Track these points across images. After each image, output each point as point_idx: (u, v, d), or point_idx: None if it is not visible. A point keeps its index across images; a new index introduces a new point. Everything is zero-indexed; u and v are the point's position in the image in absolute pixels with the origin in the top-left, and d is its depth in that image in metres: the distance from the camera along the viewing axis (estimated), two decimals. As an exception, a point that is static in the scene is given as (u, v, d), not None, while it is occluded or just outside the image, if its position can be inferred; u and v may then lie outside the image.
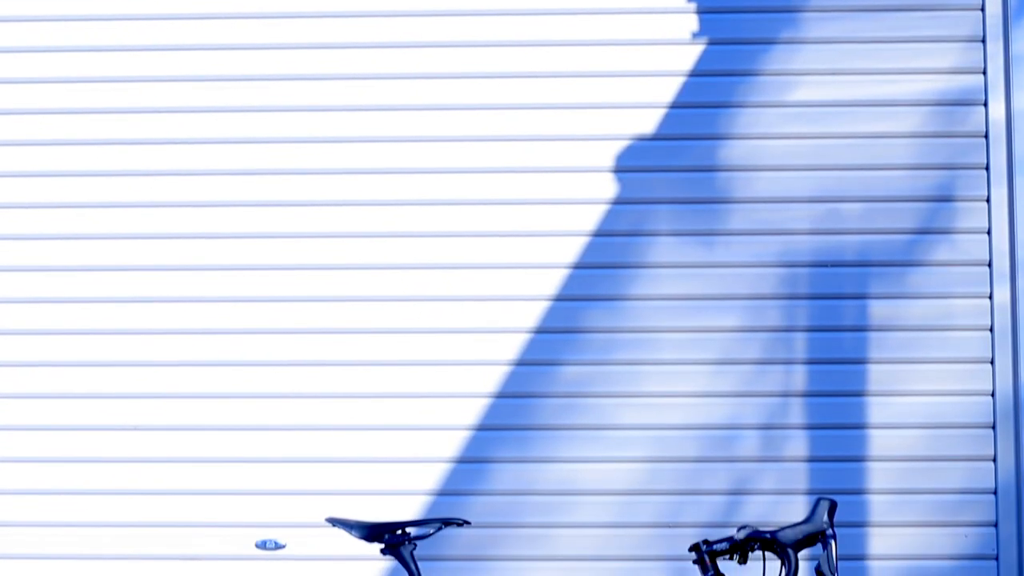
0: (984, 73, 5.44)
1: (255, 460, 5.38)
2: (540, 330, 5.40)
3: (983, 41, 5.45)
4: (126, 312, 5.47)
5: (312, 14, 5.53)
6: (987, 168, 5.41)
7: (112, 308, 5.48)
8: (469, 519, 4.66)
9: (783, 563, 4.26)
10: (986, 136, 5.42)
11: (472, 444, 5.35)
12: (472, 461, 5.34)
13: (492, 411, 5.36)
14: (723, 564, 4.36)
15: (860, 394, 5.34)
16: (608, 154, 5.47)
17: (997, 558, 5.22)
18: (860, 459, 5.30)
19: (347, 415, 5.39)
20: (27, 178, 5.53)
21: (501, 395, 5.37)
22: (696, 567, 4.37)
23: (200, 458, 5.39)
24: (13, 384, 5.47)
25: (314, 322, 5.45)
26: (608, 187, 5.45)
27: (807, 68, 5.47)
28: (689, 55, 5.48)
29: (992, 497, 5.26)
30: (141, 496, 5.39)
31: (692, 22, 5.48)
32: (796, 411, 5.34)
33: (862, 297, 5.41)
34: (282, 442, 5.38)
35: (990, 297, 5.38)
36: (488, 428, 5.36)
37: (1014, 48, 5.40)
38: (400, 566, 4.50)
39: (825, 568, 4.15)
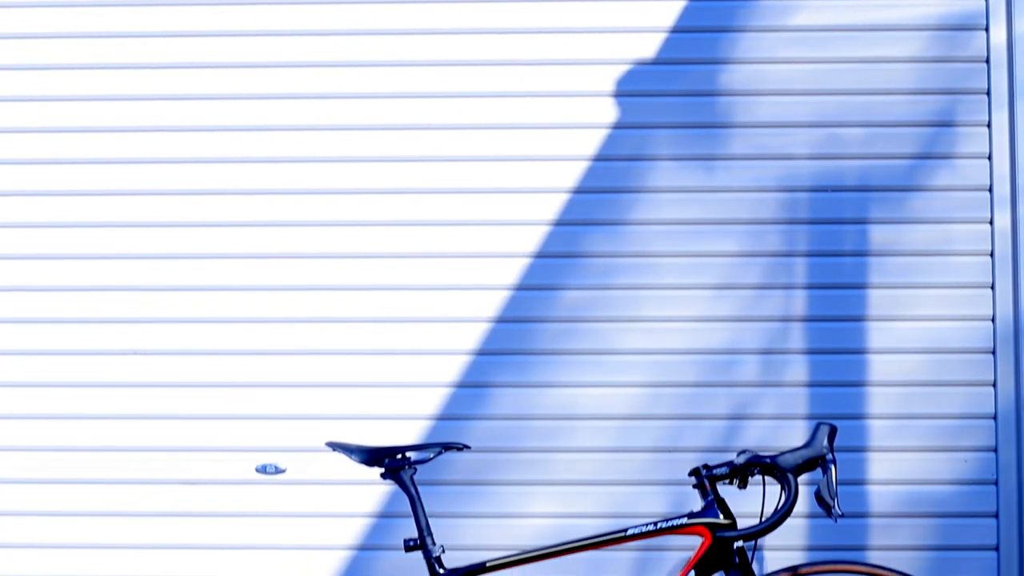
0: (985, -4, 5.37)
1: (255, 385, 5.36)
2: (540, 254, 5.37)
3: (984, -36, 5.38)
4: (127, 236, 5.43)
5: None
6: (988, 93, 5.37)
7: (110, 232, 5.43)
8: (469, 443, 4.65)
9: (783, 488, 4.29)
10: (987, 60, 5.37)
11: (472, 368, 5.33)
12: (472, 386, 5.32)
13: (492, 335, 5.34)
14: (723, 489, 4.40)
15: (860, 319, 5.32)
16: (608, 78, 5.41)
17: (996, 483, 5.21)
18: (860, 384, 5.29)
19: (348, 339, 5.36)
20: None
21: (501, 319, 5.35)
22: (696, 492, 4.43)
23: (200, 383, 5.38)
24: (7, 310, 5.44)
25: (315, 246, 5.41)
26: (608, 111, 5.40)
27: (808, -9, 5.40)
28: (690, -22, 5.41)
29: (992, 422, 5.25)
30: (140, 421, 5.37)
31: (693, -54, 5.40)
32: (796, 336, 5.32)
33: (862, 222, 5.37)
34: (282, 366, 5.36)
35: (991, 222, 5.35)
36: (488, 353, 5.34)
37: (1015, -29, 5.34)
38: (400, 490, 4.49)
39: (825, 493, 4.18)
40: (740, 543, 4.32)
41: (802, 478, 4.36)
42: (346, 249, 5.40)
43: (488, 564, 4.37)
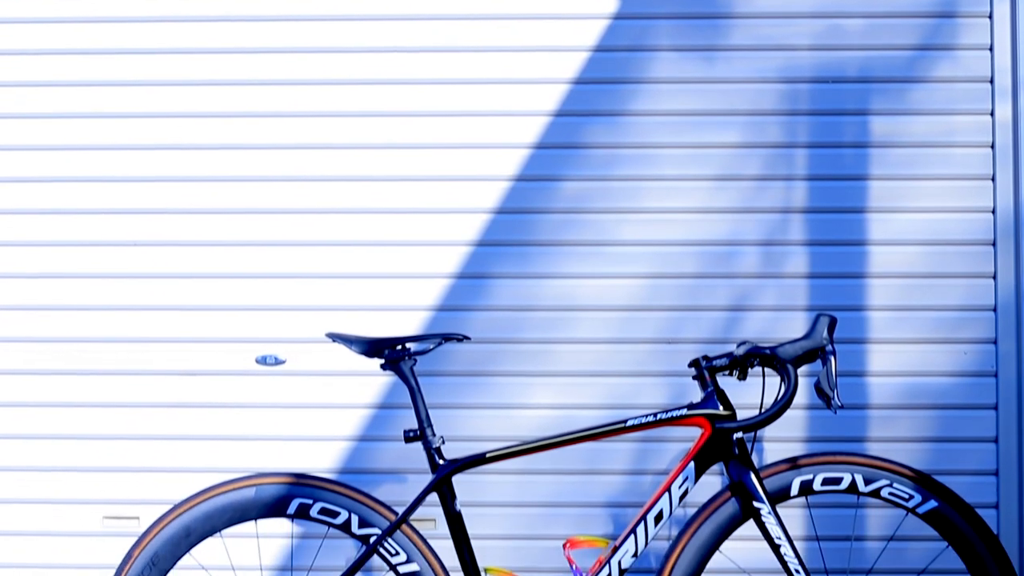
0: None
1: (255, 276, 5.31)
2: (540, 145, 5.30)
3: None
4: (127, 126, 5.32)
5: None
6: (989, -18, 5.29)
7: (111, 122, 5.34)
8: (469, 334, 4.61)
9: (782, 379, 4.29)
10: (988, -50, 5.29)
11: (472, 259, 5.28)
12: (472, 276, 5.27)
13: (492, 226, 5.28)
14: (722, 380, 4.41)
15: (860, 211, 5.26)
16: (609, -32, 5.32)
17: (996, 375, 5.18)
18: (860, 276, 5.24)
19: (348, 230, 5.30)
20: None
21: (501, 210, 5.29)
22: (696, 383, 4.43)
23: (199, 273, 5.32)
24: (3, 201, 5.37)
25: (315, 136, 5.34)
26: (609, 2, 5.31)
27: None
28: None
29: (992, 314, 5.21)
30: (140, 312, 5.32)
31: None
32: (796, 227, 5.26)
33: (863, 113, 5.30)
34: (282, 257, 5.31)
35: (991, 113, 5.28)
36: (488, 243, 5.28)
37: None
38: (400, 381, 4.49)
39: (824, 384, 4.18)
40: (739, 434, 4.32)
41: (802, 370, 4.38)
42: (347, 140, 5.32)
43: (488, 455, 4.35)
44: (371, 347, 4.42)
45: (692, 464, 4.33)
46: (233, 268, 5.30)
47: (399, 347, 4.40)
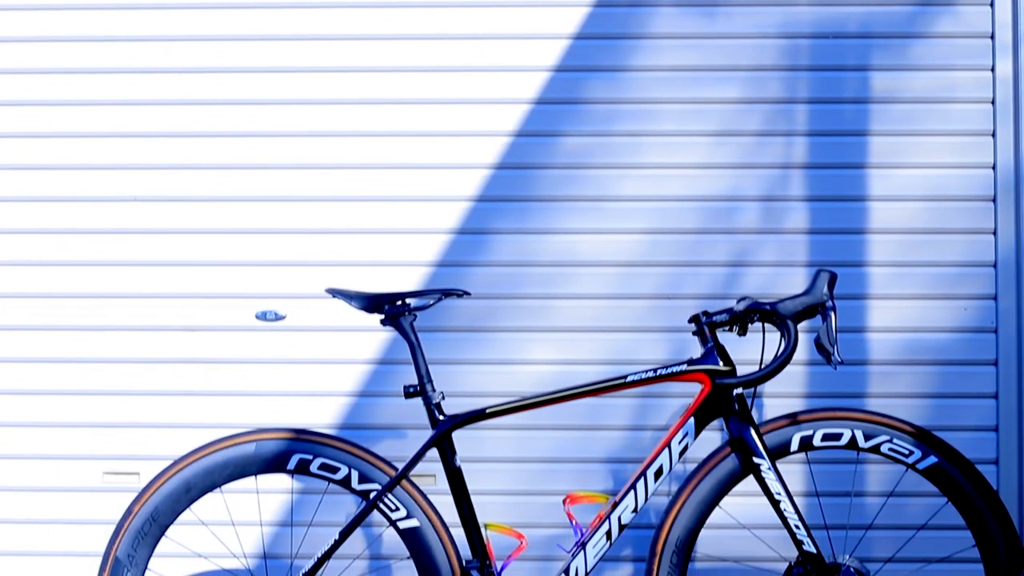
0: None
1: (256, 231, 5.28)
2: (540, 100, 5.26)
3: None
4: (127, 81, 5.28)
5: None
6: (989, -63, 5.25)
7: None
8: (469, 290, 4.61)
9: (782, 335, 4.28)
10: (988, -95, 5.25)
11: (472, 215, 5.24)
12: (472, 232, 5.24)
13: (492, 181, 5.25)
14: (722, 335, 4.41)
15: (861, 166, 5.23)
16: (607, -78, 5.28)
17: (996, 330, 5.16)
18: (860, 231, 5.21)
19: (348, 185, 5.27)
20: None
21: (501, 166, 5.25)
22: (695, 339, 4.43)
23: (199, 229, 5.30)
24: (5, 156, 5.34)
25: (316, 91, 5.31)
26: (609, -44, 5.28)
27: None
28: None
29: (992, 270, 5.19)
30: (140, 267, 5.30)
31: None
32: (796, 182, 5.23)
33: (863, 69, 5.27)
34: (283, 213, 5.28)
35: (992, 69, 5.25)
36: (488, 199, 5.25)
37: None
38: (400, 337, 4.47)
39: (824, 340, 4.17)
40: (739, 390, 4.31)
41: (802, 325, 4.37)
42: (347, 95, 5.29)
43: (488, 410, 4.34)
44: (371, 303, 4.39)
45: (692, 420, 4.32)
46: (233, 224, 5.27)
47: (399, 303, 4.37)
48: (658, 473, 4.30)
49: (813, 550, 4.25)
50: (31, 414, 5.26)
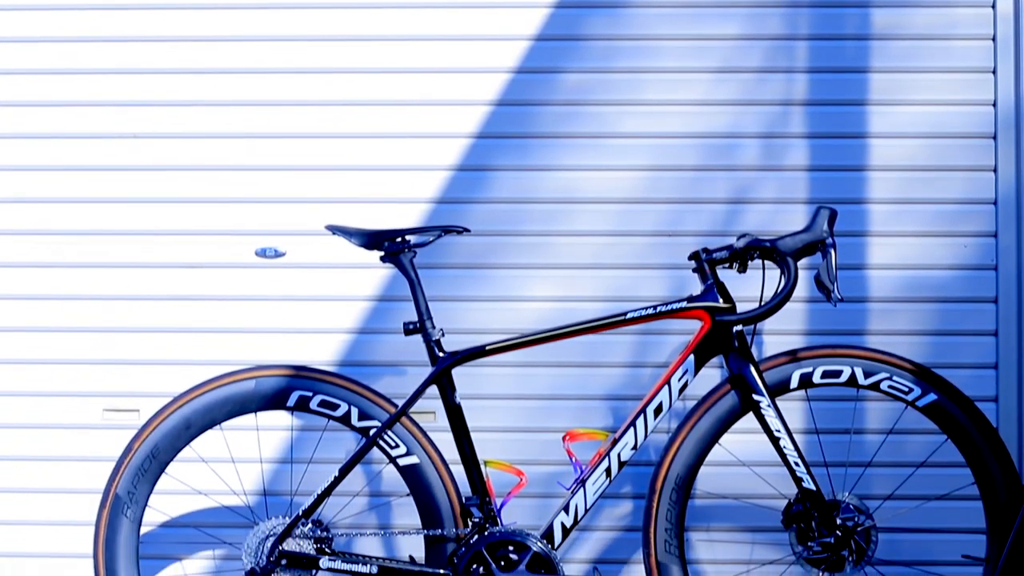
0: None
1: (256, 168, 5.24)
2: (540, 37, 5.21)
3: None
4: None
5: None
6: None
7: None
8: (469, 227, 4.55)
9: (782, 272, 4.28)
10: None
11: (472, 151, 5.20)
12: (472, 169, 5.20)
13: (492, 118, 5.20)
14: (722, 272, 4.38)
15: (861, 103, 5.19)
16: None
17: (996, 268, 5.12)
18: (860, 168, 5.17)
19: (348, 121, 5.23)
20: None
21: (501, 102, 5.20)
22: (695, 275, 4.40)
23: (199, 165, 5.25)
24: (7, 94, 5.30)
25: (315, 28, 5.26)
26: None
27: None
28: None
29: (992, 207, 5.14)
30: (139, 204, 5.26)
31: None
32: (797, 119, 5.19)
33: (864, 5, 5.21)
34: (282, 149, 5.23)
35: (993, 6, 5.19)
36: (488, 136, 5.20)
37: None
38: (400, 274, 4.40)
39: (824, 277, 4.17)
40: (739, 327, 4.31)
41: (802, 262, 4.33)
42: (347, 32, 5.24)
43: (487, 347, 4.34)
44: (371, 239, 4.37)
45: (692, 357, 4.32)
46: (233, 161, 5.23)
47: (399, 239, 4.36)
48: (658, 410, 4.30)
49: (812, 487, 4.26)
50: (30, 351, 5.22)
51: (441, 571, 4.27)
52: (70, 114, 5.25)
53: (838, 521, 4.25)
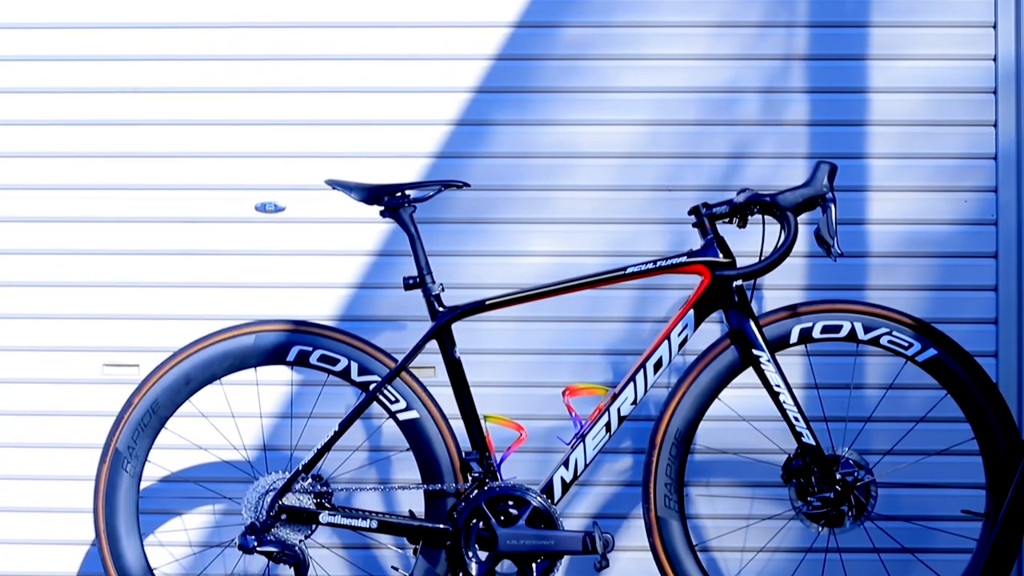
0: None
1: (256, 123, 5.20)
2: (540, -10, 5.19)
3: None
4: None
5: None
6: None
7: None
8: (468, 181, 4.50)
9: (782, 226, 4.26)
10: None
11: (472, 106, 5.16)
12: (472, 124, 5.16)
13: (492, 73, 5.15)
14: (722, 227, 4.36)
15: (861, 58, 5.14)
16: None
17: (996, 223, 5.08)
18: (861, 123, 5.13)
19: (348, 76, 5.19)
20: None
21: (501, 57, 5.16)
22: (695, 230, 4.39)
23: (200, 120, 5.21)
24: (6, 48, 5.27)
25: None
26: None
27: None
28: None
29: (992, 162, 5.10)
30: (140, 159, 5.22)
31: None
32: (797, 74, 5.15)
33: (865, -42, 5.18)
34: (282, 104, 5.20)
35: (993, -40, 5.16)
36: (488, 90, 5.17)
37: None
38: (399, 228, 4.39)
39: (824, 232, 4.16)
40: (739, 282, 4.30)
41: (802, 217, 4.32)
42: (344, -15, 5.22)
43: (487, 302, 4.33)
44: (370, 194, 4.37)
45: (691, 312, 4.31)
46: (233, 115, 5.20)
47: (398, 194, 4.34)
48: (657, 365, 4.30)
49: (812, 442, 4.26)
50: (30, 306, 5.20)
51: (441, 526, 4.27)
52: (68, 68, 5.21)
53: (837, 476, 4.24)
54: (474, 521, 4.25)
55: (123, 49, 5.20)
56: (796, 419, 4.24)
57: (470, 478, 4.31)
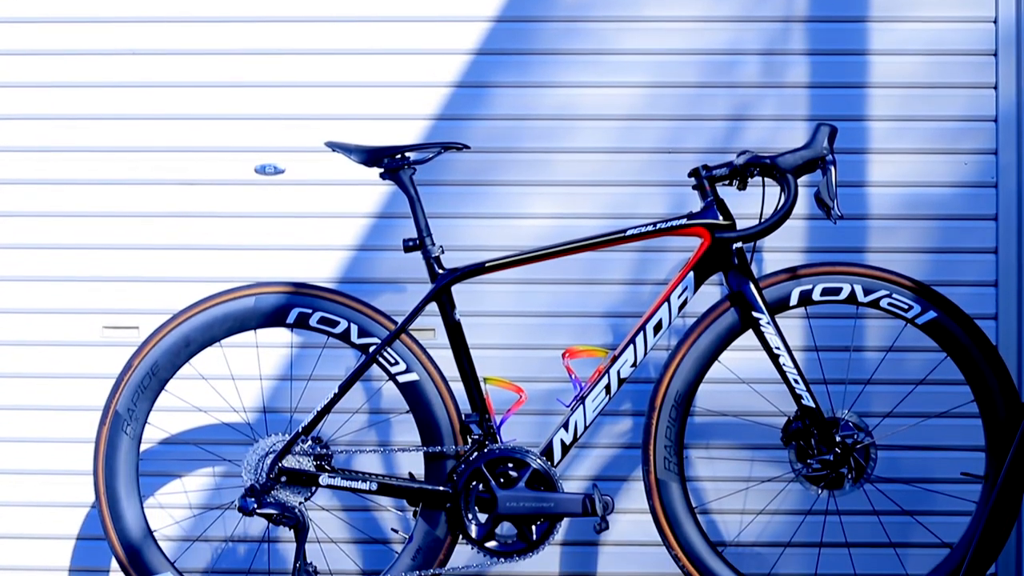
0: None
1: (255, 84, 5.17)
2: (541, -48, 5.16)
3: None
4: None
5: None
6: None
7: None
8: (468, 143, 4.49)
9: (782, 189, 4.26)
10: None
11: (472, 68, 5.13)
12: (471, 86, 5.13)
13: (492, 35, 5.12)
14: (722, 190, 4.35)
15: (862, 19, 5.10)
16: None
17: (996, 186, 5.05)
18: (861, 85, 5.10)
19: (348, 39, 5.16)
20: None
21: (501, 19, 5.13)
22: (695, 193, 4.38)
23: (199, 82, 5.18)
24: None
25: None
26: None
27: None
28: None
29: (992, 125, 5.07)
30: (139, 120, 5.18)
31: None
32: (797, 36, 5.11)
33: (865, -79, 5.14)
34: (282, 66, 5.17)
35: (994, -79, 5.12)
36: (488, 52, 5.13)
37: None
38: (399, 190, 4.37)
39: (824, 194, 4.15)
40: (739, 244, 4.29)
41: (802, 180, 4.31)
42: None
43: (487, 264, 4.33)
44: (370, 156, 4.35)
45: (691, 274, 4.30)
46: (233, 77, 5.16)
47: (398, 156, 4.32)
48: (657, 327, 4.29)
49: (812, 405, 4.25)
50: (29, 269, 5.17)
51: (440, 488, 4.27)
52: (66, 30, 5.17)
53: (837, 439, 4.24)
54: (474, 483, 4.24)
55: (121, 10, 5.16)
56: (796, 381, 4.23)
57: (470, 440, 4.30)
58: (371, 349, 4.29)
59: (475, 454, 4.26)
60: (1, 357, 5.16)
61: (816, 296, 4.31)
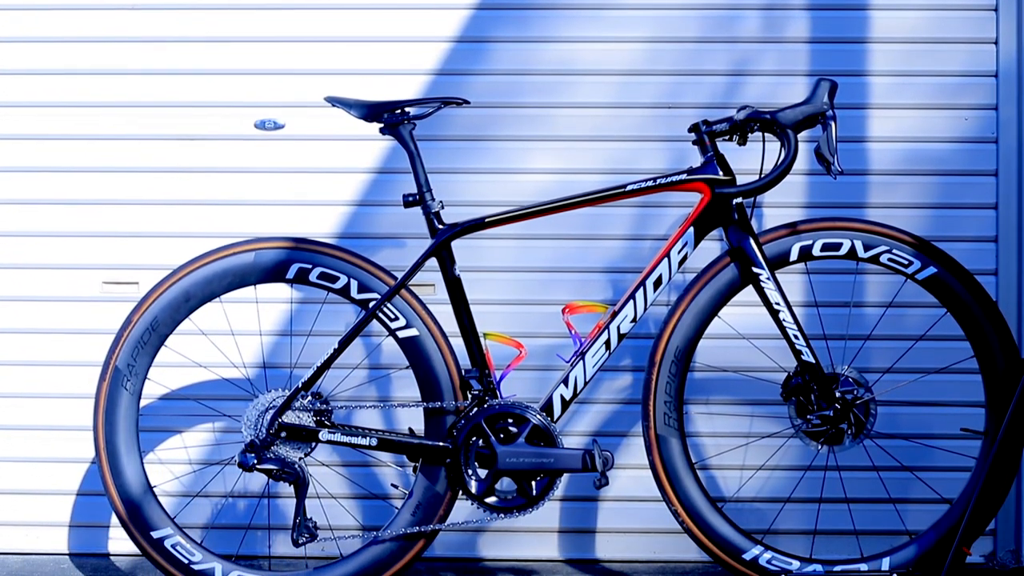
0: None
1: (255, 39, 5.14)
2: (539, -91, 5.11)
3: None
4: None
5: None
6: None
7: None
8: (468, 99, 4.45)
9: (782, 144, 4.24)
10: None
11: (471, 23, 5.09)
12: (471, 40, 5.09)
13: (491, -11, 5.13)
14: (722, 145, 4.34)
15: None
16: None
17: (996, 141, 5.01)
18: (861, 40, 5.06)
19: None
20: None
21: (500, -27, 5.12)
22: (695, 148, 4.35)
23: (198, 37, 5.13)
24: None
25: None
26: None
27: None
28: None
29: (993, 80, 5.03)
30: (138, 76, 5.15)
31: None
32: (797, -10, 5.11)
33: None
34: (281, 21, 5.13)
35: None
36: (487, 7, 5.09)
37: None
38: (399, 145, 4.35)
39: (824, 149, 4.13)
40: (739, 199, 4.28)
41: (802, 135, 4.29)
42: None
43: (487, 219, 4.31)
44: (370, 111, 4.32)
45: (691, 229, 4.29)
46: (233, 32, 5.12)
47: (398, 111, 4.30)
48: (657, 283, 4.27)
49: (812, 360, 4.24)
50: (29, 224, 5.14)
51: (440, 443, 4.25)
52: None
53: (837, 394, 4.23)
54: (474, 439, 4.23)
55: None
56: (796, 337, 4.21)
57: (470, 396, 4.28)
58: (371, 304, 4.27)
59: (475, 410, 4.25)
60: (1, 313, 5.14)
61: (816, 251, 4.30)
